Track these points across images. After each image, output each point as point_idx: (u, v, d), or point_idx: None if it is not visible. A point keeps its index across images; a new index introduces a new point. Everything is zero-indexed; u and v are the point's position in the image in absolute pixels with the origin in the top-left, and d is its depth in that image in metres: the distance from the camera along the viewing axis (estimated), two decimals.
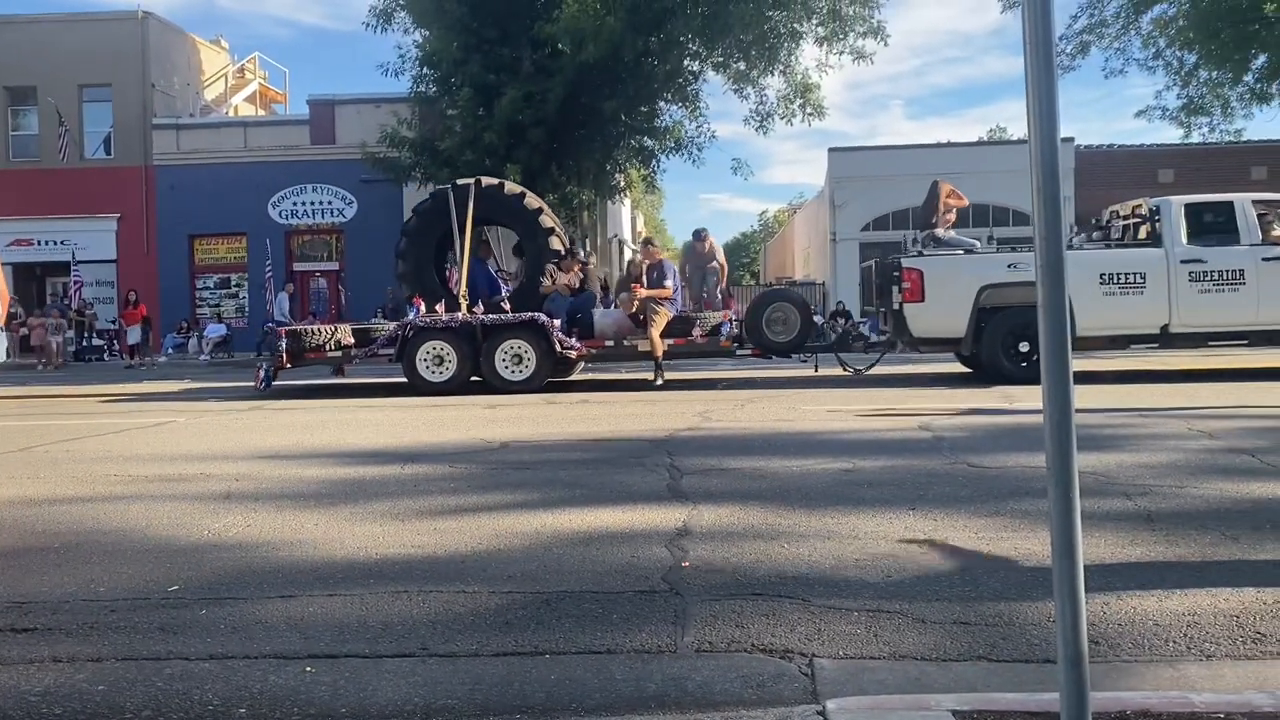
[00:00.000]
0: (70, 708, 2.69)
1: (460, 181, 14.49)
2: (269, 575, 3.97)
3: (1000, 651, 2.96)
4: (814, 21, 22.63)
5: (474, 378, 12.70)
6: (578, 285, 13.77)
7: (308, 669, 2.95)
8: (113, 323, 27.78)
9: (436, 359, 12.66)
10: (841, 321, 27.11)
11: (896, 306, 11.78)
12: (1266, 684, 2.68)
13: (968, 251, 12.45)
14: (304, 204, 29.15)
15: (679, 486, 5.59)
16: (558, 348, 12.56)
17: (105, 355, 25.80)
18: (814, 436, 7.61)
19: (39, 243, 29.55)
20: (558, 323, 12.68)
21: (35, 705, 2.71)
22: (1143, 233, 11.99)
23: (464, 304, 13.33)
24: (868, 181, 29.69)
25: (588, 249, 29.39)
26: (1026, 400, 9.38)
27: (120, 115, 29.47)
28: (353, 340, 13.94)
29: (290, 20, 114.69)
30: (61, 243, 28.78)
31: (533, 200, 14.60)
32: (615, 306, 13.94)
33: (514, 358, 12.55)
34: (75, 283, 26.44)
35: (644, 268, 13.50)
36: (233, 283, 29.77)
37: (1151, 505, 4.76)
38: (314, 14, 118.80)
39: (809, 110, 24.23)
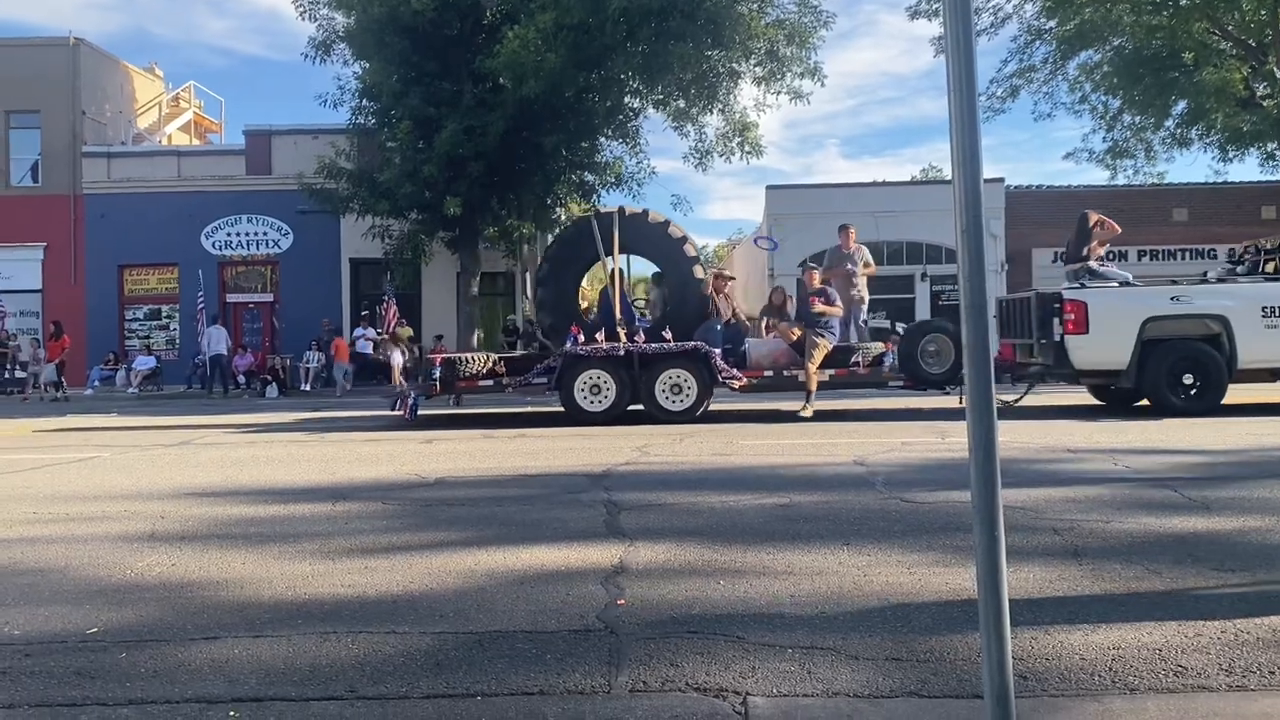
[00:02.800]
0: None
1: (604, 209, 14.23)
2: (193, 616, 3.86)
3: (931, 687, 2.99)
4: (752, 62, 22.99)
5: (631, 406, 12.43)
6: (730, 314, 13.59)
7: (231, 714, 2.87)
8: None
9: (594, 388, 12.37)
10: None
11: (1058, 338, 11.75)
12: (1188, 717, 2.74)
13: (1123, 284, 12.45)
14: (238, 235, 28.68)
15: (616, 523, 5.56)
16: (719, 377, 12.36)
17: (27, 389, 24.96)
18: (751, 472, 7.64)
19: None
20: (718, 352, 12.46)
21: None
22: None
23: (622, 332, 13.05)
24: (805, 218, 30.10)
25: (528, 282, 29.35)
26: (958, 435, 9.53)
27: (49, 142, 28.77)
28: (504, 369, 13.43)
29: (227, 49, 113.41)
30: None
31: (676, 229, 14.30)
32: (770, 335, 13.52)
33: (673, 387, 12.31)
34: None
35: (810, 289, 13.15)
36: (163, 314, 29.08)
37: (1078, 540, 4.86)
38: (252, 44, 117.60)
39: (747, 148, 24.57)
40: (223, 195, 28.43)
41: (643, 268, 21.27)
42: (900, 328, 27.92)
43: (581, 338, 12.89)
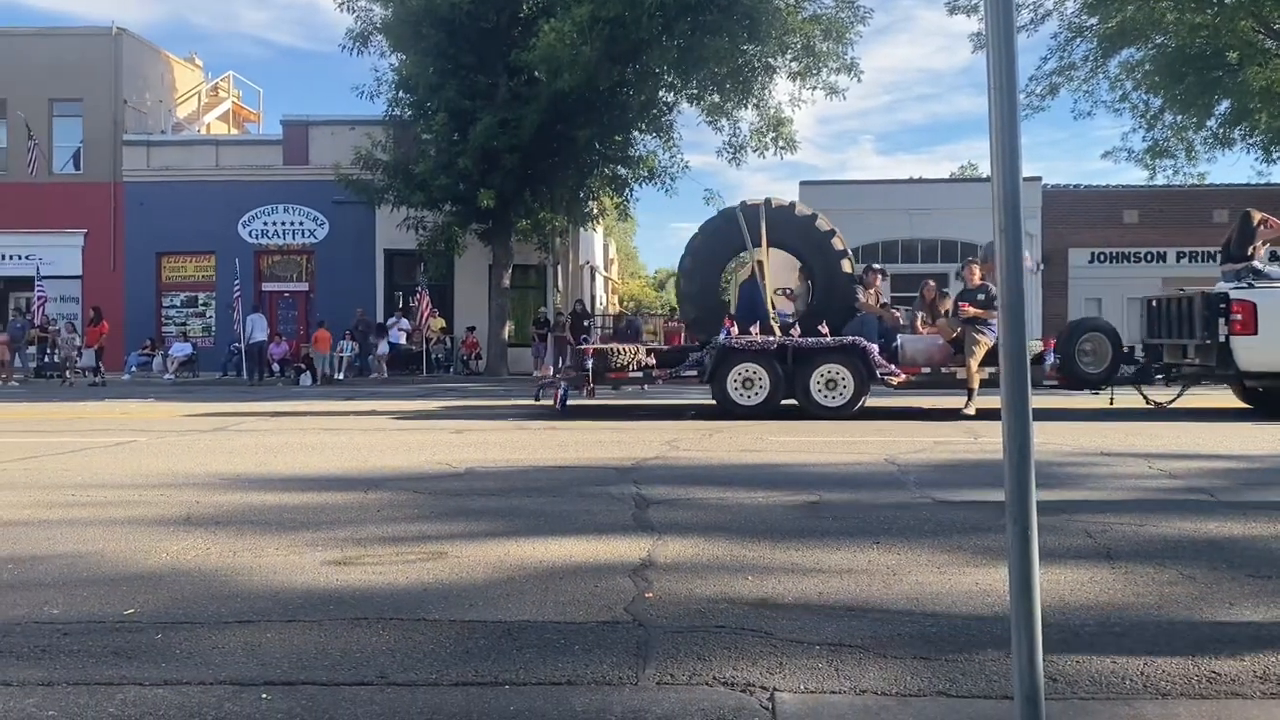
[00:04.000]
0: None
1: (749, 201, 14.01)
2: (227, 600, 3.92)
3: (960, 687, 2.97)
4: (788, 57, 22.93)
5: (786, 401, 12.26)
6: (880, 309, 13.44)
7: (264, 696, 2.91)
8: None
9: (746, 382, 12.22)
10: None
11: (1223, 339, 11.57)
12: None
13: None
14: (275, 224, 28.99)
15: (644, 516, 5.58)
16: (877, 373, 12.16)
17: (68, 373, 25.38)
18: (780, 468, 7.63)
19: (3, 257, 29.16)
20: (875, 347, 12.24)
21: None
22: None
23: (776, 326, 12.93)
24: (838, 215, 29.91)
25: (555, 274, 29.43)
26: (990, 436, 9.46)
27: (90, 130, 29.21)
28: (654, 361, 13.25)
29: (265, 40, 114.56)
30: (26, 257, 28.39)
31: (824, 222, 14.10)
32: (925, 331, 13.13)
33: (828, 382, 12.10)
34: (39, 298, 26.06)
35: (970, 284, 12.73)
36: (200, 301, 29.47)
37: (1111, 543, 4.81)
38: (290, 34, 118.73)
39: (781, 144, 24.52)
40: (260, 185, 28.75)
41: (651, 262, 21.17)
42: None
43: (735, 330, 12.64)
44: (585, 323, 26.44)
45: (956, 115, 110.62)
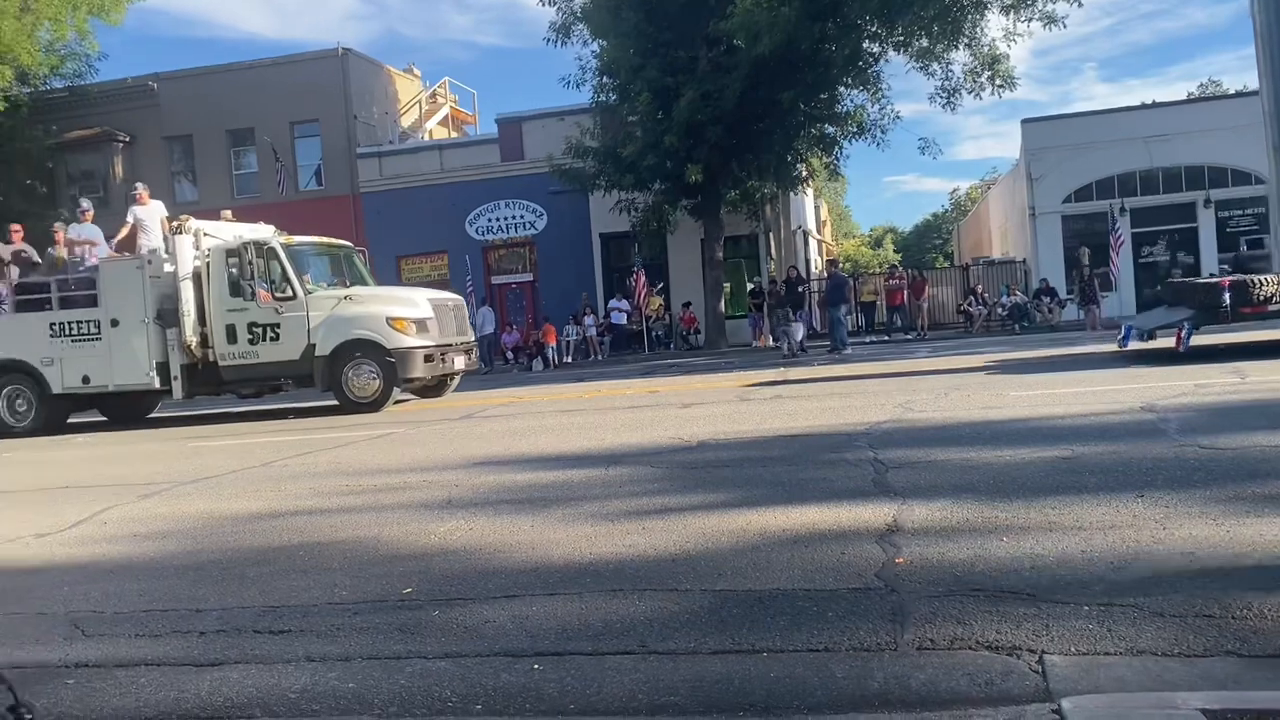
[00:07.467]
0: (326, 704, 2.93)
1: None
2: (492, 576, 4.17)
3: (1252, 646, 2.76)
4: None
5: None
6: None
7: (535, 666, 3.08)
8: None
9: None
10: (1046, 300, 25.77)
11: None
12: None
13: None
14: (498, 219, 30.36)
15: (885, 481, 5.47)
16: None
17: None
18: (1026, 424, 7.27)
19: None
20: None
21: (295, 702, 2.96)
22: None
23: None
24: (1066, 151, 28.08)
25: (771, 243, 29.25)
26: (1260, 375, 8.64)
27: (328, 148, 31.58)
28: None
29: (470, 43, 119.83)
30: None
31: None
32: None
33: None
34: None
35: None
36: None
37: None
38: (493, 35, 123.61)
39: (998, 82, 23.25)
40: (481, 183, 30.17)
41: (865, 221, 20.50)
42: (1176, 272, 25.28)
43: None
44: (800, 289, 26.16)
45: (1189, 29, 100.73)
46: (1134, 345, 12.83)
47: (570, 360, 26.01)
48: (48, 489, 8.21)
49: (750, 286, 28.51)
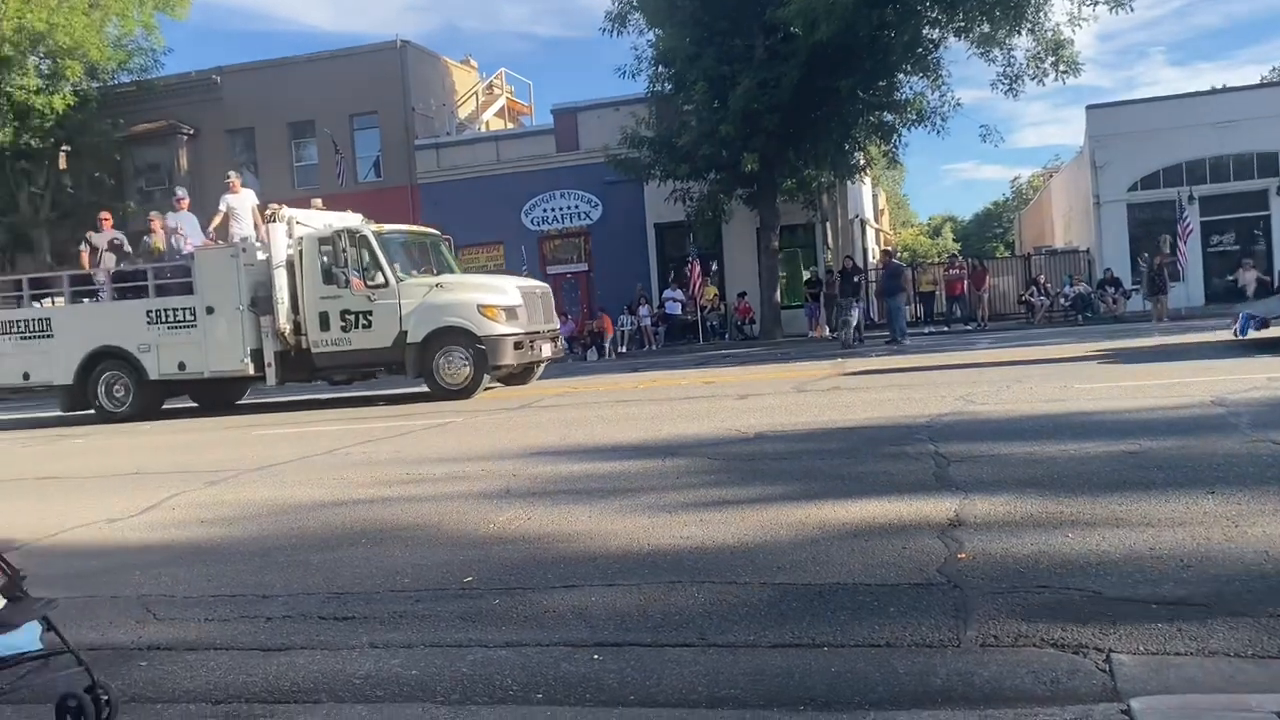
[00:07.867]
0: (389, 690, 2.98)
1: None
2: (551, 566, 4.20)
3: None
4: None
5: None
6: None
7: (595, 656, 3.10)
8: None
9: None
10: (1111, 290, 25.22)
11: None
12: None
13: None
14: (553, 209, 30.48)
15: (946, 475, 5.40)
16: None
17: None
18: (1091, 417, 7.12)
19: None
20: None
21: (360, 687, 3.02)
22: None
23: None
24: (1132, 138, 27.37)
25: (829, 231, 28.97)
26: None
27: (387, 139, 31.94)
28: None
29: (527, 34, 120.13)
30: None
31: None
32: None
33: None
34: None
35: None
36: None
37: None
38: (550, 25, 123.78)
39: (1062, 67, 22.76)
40: (537, 173, 30.30)
41: (923, 210, 20.20)
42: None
43: None
44: (856, 279, 25.91)
45: (1261, 11, 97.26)
46: (1252, 335, 12.41)
47: (625, 350, 26.06)
48: (119, 475, 8.44)
49: (806, 276, 28.29)
